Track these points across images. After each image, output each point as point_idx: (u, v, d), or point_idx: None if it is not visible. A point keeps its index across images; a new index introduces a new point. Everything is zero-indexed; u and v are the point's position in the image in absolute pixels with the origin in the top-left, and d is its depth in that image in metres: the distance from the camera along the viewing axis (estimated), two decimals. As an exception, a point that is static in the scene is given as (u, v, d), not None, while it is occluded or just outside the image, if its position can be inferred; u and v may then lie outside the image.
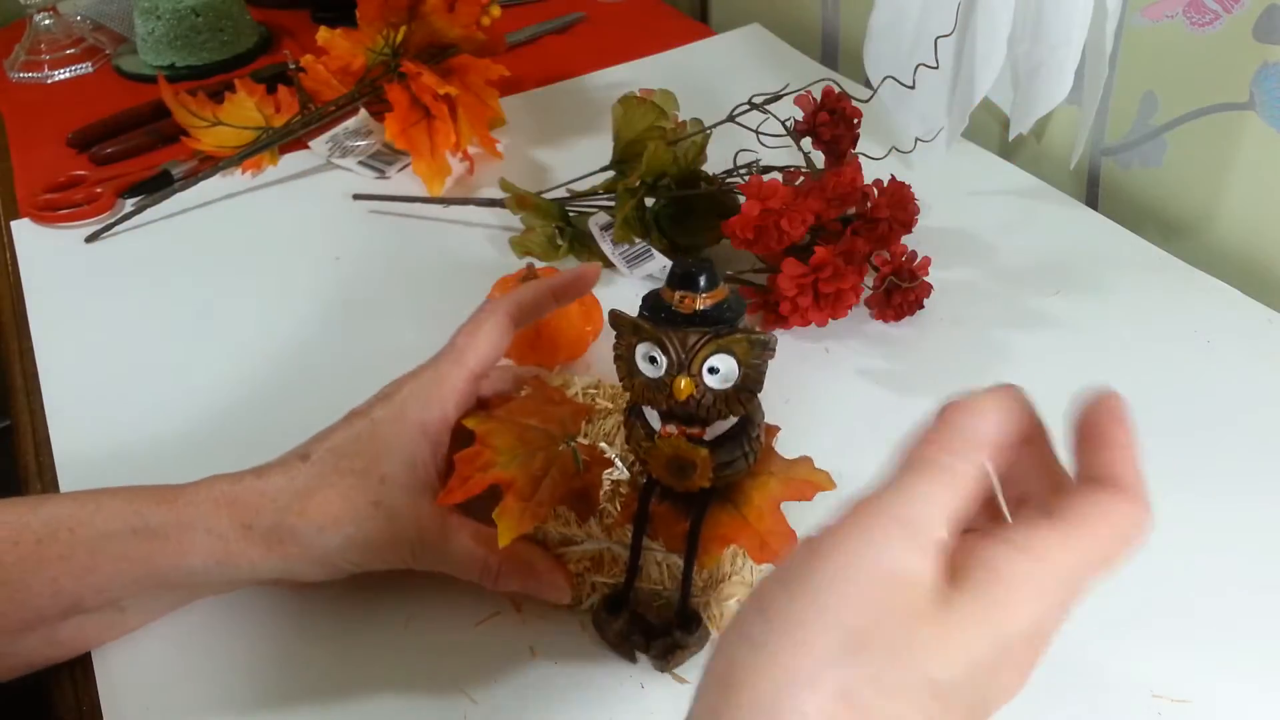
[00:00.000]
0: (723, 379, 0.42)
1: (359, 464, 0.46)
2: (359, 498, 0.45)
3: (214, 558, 0.45)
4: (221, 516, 0.45)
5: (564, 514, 0.48)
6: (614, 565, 0.49)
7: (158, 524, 0.45)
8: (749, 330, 0.42)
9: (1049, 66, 0.69)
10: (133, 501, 0.45)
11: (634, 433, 0.45)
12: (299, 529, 0.45)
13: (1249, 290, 0.67)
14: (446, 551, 0.47)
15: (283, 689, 0.48)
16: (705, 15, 1.22)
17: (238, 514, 0.45)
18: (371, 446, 0.46)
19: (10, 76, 1.09)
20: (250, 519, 0.45)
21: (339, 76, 0.87)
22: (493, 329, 0.50)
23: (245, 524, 0.45)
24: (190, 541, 0.45)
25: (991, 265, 0.72)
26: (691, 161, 0.73)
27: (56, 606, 0.45)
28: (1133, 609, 0.49)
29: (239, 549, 0.45)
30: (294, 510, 0.45)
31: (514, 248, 0.75)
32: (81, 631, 0.47)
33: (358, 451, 0.46)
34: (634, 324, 0.42)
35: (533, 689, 0.47)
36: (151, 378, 0.68)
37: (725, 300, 0.42)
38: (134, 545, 0.45)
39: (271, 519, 0.45)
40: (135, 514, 0.45)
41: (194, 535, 0.45)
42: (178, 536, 0.45)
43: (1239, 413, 0.59)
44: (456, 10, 0.85)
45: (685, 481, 0.44)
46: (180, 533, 0.45)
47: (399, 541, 0.46)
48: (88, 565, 0.44)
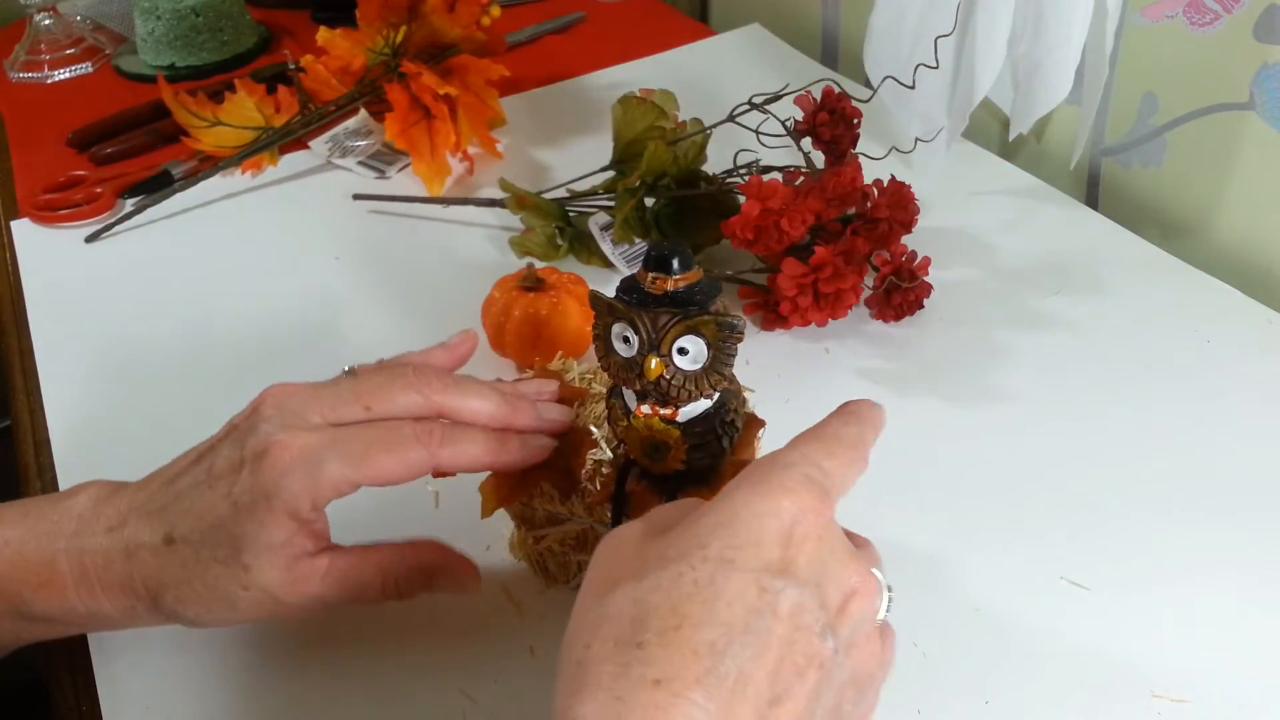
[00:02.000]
0: (692, 360, 0.43)
1: (220, 553, 0.43)
2: (229, 585, 0.43)
3: (111, 624, 0.46)
4: (99, 599, 0.44)
5: (548, 491, 0.48)
6: (596, 544, 0.49)
7: (39, 612, 0.45)
8: (718, 313, 0.42)
9: (1049, 66, 0.69)
10: (8, 581, 0.45)
11: (614, 413, 0.46)
12: (179, 611, 0.44)
13: (1249, 290, 0.67)
14: (339, 597, 0.45)
15: (283, 689, 0.48)
16: (705, 15, 1.22)
17: (114, 591, 0.44)
18: (232, 535, 0.43)
19: (10, 76, 1.09)
20: (130, 587, 0.44)
21: (339, 76, 0.87)
22: (399, 455, 0.44)
23: (131, 601, 0.44)
24: (76, 619, 0.45)
25: (991, 265, 0.72)
26: (691, 161, 0.73)
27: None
28: (1133, 609, 0.49)
29: (133, 615, 0.45)
30: (170, 595, 0.44)
31: (514, 248, 0.75)
32: (47, 624, 0.47)
33: (218, 541, 0.43)
34: (609, 304, 0.43)
35: (533, 689, 0.47)
36: (151, 377, 0.68)
37: (697, 283, 0.43)
38: (24, 628, 0.46)
39: (153, 592, 0.44)
40: (17, 598, 0.45)
41: (75, 614, 0.45)
42: (64, 621, 0.45)
43: (1239, 413, 0.59)
44: (456, 10, 0.85)
45: (660, 462, 0.45)
46: (65, 615, 0.45)
47: (282, 606, 0.44)
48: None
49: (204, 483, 0.44)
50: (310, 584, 0.44)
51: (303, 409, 0.44)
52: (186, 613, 0.44)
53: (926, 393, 0.62)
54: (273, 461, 0.42)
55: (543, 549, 0.51)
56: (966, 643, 0.48)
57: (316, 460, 0.42)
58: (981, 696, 0.46)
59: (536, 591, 0.52)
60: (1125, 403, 0.60)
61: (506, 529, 0.53)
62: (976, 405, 0.61)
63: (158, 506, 0.44)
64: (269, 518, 0.42)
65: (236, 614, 0.44)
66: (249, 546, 0.42)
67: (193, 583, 0.43)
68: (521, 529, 0.51)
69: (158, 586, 0.44)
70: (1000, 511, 0.54)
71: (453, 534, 0.54)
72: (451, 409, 0.45)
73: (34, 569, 0.44)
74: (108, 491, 0.46)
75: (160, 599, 0.44)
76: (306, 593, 0.44)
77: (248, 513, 0.42)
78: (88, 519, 0.45)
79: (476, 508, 0.47)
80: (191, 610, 0.44)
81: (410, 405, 0.45)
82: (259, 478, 0.42)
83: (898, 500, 0.55)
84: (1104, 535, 0.53)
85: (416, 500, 0.57)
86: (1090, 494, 0.55)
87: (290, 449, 0.42)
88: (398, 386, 0.45)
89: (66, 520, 0.45)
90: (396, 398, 0.45)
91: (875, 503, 0.55)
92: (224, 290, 0.75)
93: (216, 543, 0.43)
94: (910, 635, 0.48)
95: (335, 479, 0.42)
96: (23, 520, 0.45)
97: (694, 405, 0.44)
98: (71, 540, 0.44)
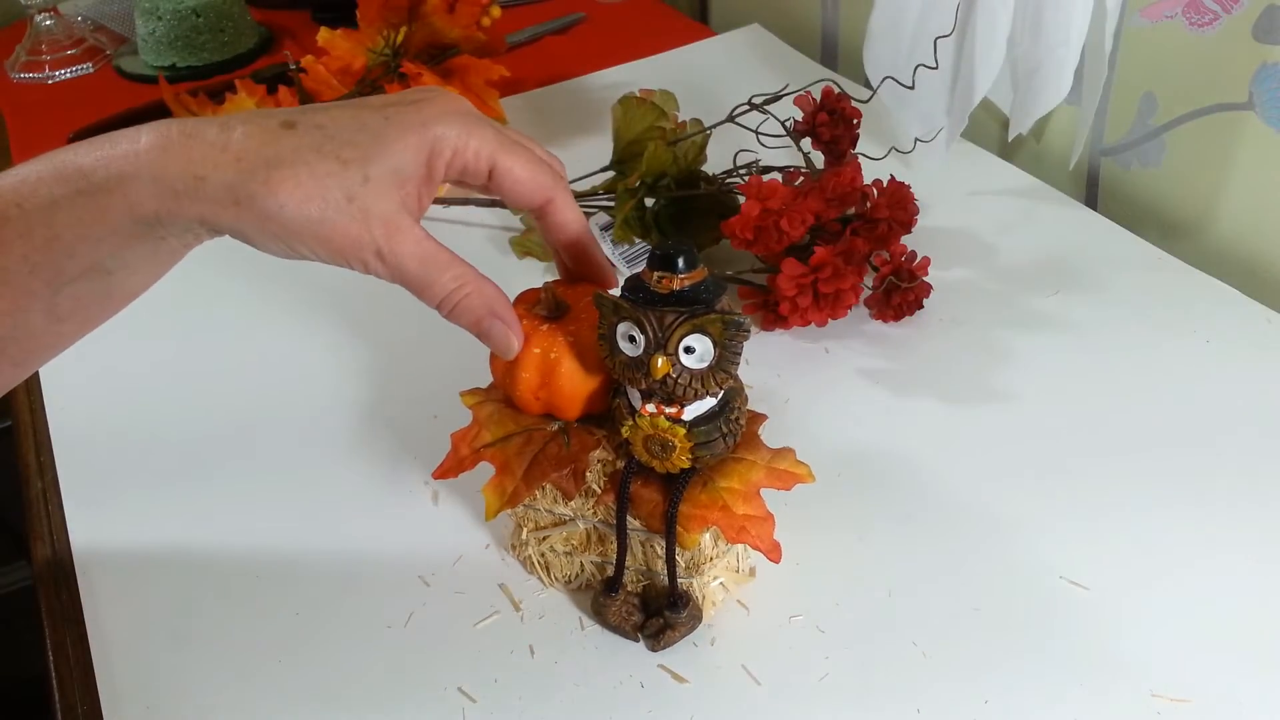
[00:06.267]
0: (698, 358, 0.43)
1: (347, 154, 0.41)
2: (334, 187, 0.41)
3: (164, 208, 0.42)
4: (171, 163, 0.41)
5: (551, 491, 0.49)
6: (600, 544, 0.50)
7: (101, 180, 0.41)
8: (725, 311, 0.42)
9: (1048, 67, 0.69)
10: (76, 161, 0.42)
11: (618, 412, 0.46)
12: (259, 196, 0.41)
13: (1248, 290, 0.67)
14: (413, 271, 0.44)
15: (283, 688, 0.48)
16: (705, 15, 1.22)
17: (190, 164, 0.41)
18: (370, 144, 0.42)
19: (11, 77, 1.09)
20: (205, 171, 0.41)
21: (339, 77, 0.87)
22: (534, 171, 0.45)
23: (198, 175, 0.41)
24: (137, 192, 0.41)
25: (991, 265, 0.72)
26: (691, 162, 0.73)
27: (39, 280, 0.43)
28: (1133, 609, 0.49)
29: (187, 203, 0.41)
30: (259, 177, 0.40)
31: (514, 248, 0.75)
32: (78, 302, 0.44)
33: (352, 142, 0.42)
34: (614, 304, 0.43)
35: (533, 689, 0.47)
36: (151, 377, 0.68)
37: (703, 282, 0.43)
38: (84, 206, 0.42)
39: (230, 177, 0.41)
40: (79, 174, 0.42)
41: (139, 185, 0.41)
42: (123, 190, 0.41)
43: (1238, 413, 0.59)
44: (456, 11, 0.85)
45: (665, 461, 0.45)
46: (125, 185, 0.41)
47: (361, 244, 0.42)
48: (48, 235, 0.42)
49: (356, 105, 0.44)
50: (405, 241, 0.42)
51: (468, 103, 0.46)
52: (269, 198, 0.40)
53: (926, 393, 0.62)
54: (442, 105, 0.44)
55: (544, 549, 0.51)
56: (966, 643, 0.48)
57: (478, 122, 0.44)
58: (981, 696, 0.46)
59: (536, 591, 0.52)
60: (1124, 402, 0.60)
61: (506, 528, 0.53)
62: (975, 405, 0.61)
63: (284, 110, 0.43)
64: (414, 140, 0.42)
65: (321, 228, 0.41)
66: (381, 159, 0.42)
67: (298, 167, 0.40)
68: (523, 528, 0.51)
69: (253, 161, 0.40)
70: (999, 511, 0.54)
71: (452, 533, 0.55)
72: (561, 199, 0.48)
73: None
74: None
75: (248, 176, 0.40)
76: (397, 248, 0.42)
77: (398, 129, 0.42)
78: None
79: (476, 505, 0.48)
80: (280, 197, 0.40)
81: (541, 167, 0.46)
82: (422, 111, 0.43)
83: (897, 499, 0.55)
84: (1103, 534, 0.53)
85: (417, 500, 0.57)
86: (1089, 493, 0.55)
87: (460, 103, 0.45)
88: (538, 148, 0.48)
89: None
90: (534, 148, 0.47)
91: (875, 502, 0.55)
92: (223, 290, 0.75)
93: (352, 142, 0.41)
94: (910, 635, 0.48)
95: (482, 148, 0.44)
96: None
97: (699, 404, 0.44)
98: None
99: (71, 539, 0.57)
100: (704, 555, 0.48)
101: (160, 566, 0.55)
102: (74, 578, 0.54)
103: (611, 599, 0.49)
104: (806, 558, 0.51)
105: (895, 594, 0.50)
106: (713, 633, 0.49)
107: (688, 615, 0.48)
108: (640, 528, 0.48)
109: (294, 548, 0.55)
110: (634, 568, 0.49)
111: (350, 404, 0.64)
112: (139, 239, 0.43)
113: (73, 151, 0.42)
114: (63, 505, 0.59)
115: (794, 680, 0.47)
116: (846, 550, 0.53)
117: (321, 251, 0.42)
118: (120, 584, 0.54)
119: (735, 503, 0.46)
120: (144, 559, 0.55)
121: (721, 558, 0.49)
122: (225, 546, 0.55)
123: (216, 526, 0.57)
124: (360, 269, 0.43)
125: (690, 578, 0.48)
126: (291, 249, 0.42)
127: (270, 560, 0.54)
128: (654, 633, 0.48)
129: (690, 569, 0.48)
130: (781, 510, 0.47)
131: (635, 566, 0.49)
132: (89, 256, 0.43)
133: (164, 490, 0.59)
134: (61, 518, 0.58)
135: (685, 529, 0.45)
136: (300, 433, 0.62)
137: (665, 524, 0.46)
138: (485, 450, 0.48)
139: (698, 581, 0.49)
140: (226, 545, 0.55)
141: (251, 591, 0.53)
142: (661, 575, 0.48)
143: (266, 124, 0.42)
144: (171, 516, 0.57)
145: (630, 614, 0.49)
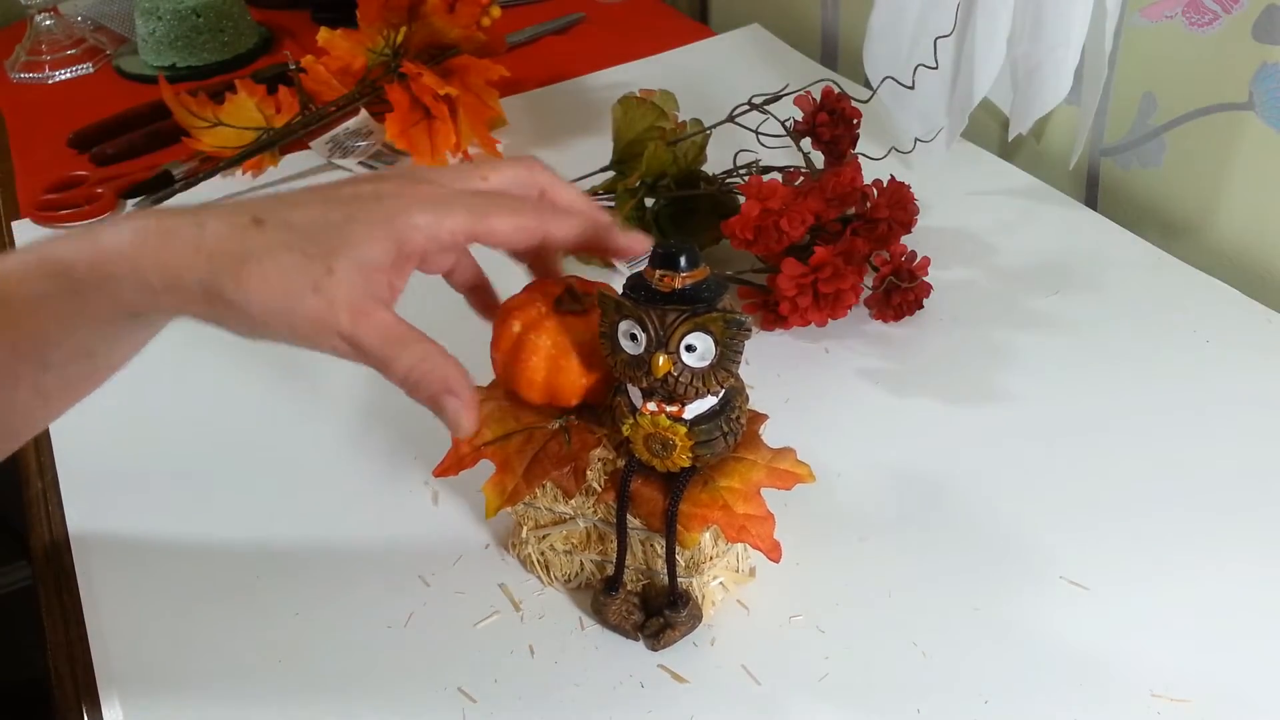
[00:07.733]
0: (700, 357, 0.43)
1: (312, 250, 0.42)
2: (298, 279, 0.42)
3: (144, 302, 0.44)
4: (149, 263, 0.43)
5: (551, 489, 0.49)
6: (600, 543, 0.50)
7: (84, 277, 0.43)
8: (726, 310, 0.42)
9: (1048, 67, 0.69)
10: (60, 256, 0.44)
11: (619, 411, 0.46)
12: (228, 290, 0.43)
13: (1248, 290, 0.68)
14: (375, 349, 0.44)
15: (283, 688, 0.48)
16: (705, 15, 1.22)
17: (168, 264, 0.43)
18: (335, 241, 0.43)
19: (11, 77, 1.09)
20: (181, 271, 0.43)
21: (339, 77, 0.87)
22: (516, 220, 0.46)
23: (175, 274, 0.43)
24: (119, 290, 0.43)
25: (991, 265, 0.72)
26: (691, 162, 0.73)
27: (27, 365, 0.45)
28: (1132, 609, 0.49)
29: (165, 299, 0.43)
30: (229, 273, 0.42)
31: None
32: (65, 381, 0.47)
33: (317, 239, 0.43)
34: (616, 302, 0.44)
35: (533, 689, 0.47)
36: (152, 377, 0.68)
37: (705, 281, 0.43)
38: (69, 302, 0.44)
39: (203, 275, 0.43)
40: (63, 271, 0.43)
41: (121, 284, 0.43)
42: (106, 288, 0.43)
43: (1238, 412, 0.59)
44: (457, 11, 0.85)
45: (665, 460, 0.45)
46: (107, 284, 0.43)
47: (325, 327, 0.43)
48: (34, 328, 0.44)
49: (322, 200, 0.45)
50: (368, 323, 0.43)
51: (431, 173, 0.48)
52: (238, 293, 0.42)
53: (926, 392, 0.62)
54: (407, 199, 0.44)
55: (544, 547, 0.51)
56: (966, 643, 0.48)
57: (446, 206, 0.44)
58: (981, 696, 0.46)
59: (536, 591, 0.52)
60: (1124, 402, 0.60)
61: (506, 527, 0.53)
62: (976, 405, 0.61)
63: (254, 205, 0.44)
64: (380, 234, 0.43)
65: (287, 316, 0.43)
66: (344, 253, 0.43)
67: (264, 262, 0.42)
68: (523, 527, 0.51)
69: (223, 259, 0.42)
70: (999, 511, 0.54)
71: (451, 532, 0.55)
72: (552, 192, 0.49)
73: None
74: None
75: (219, 273, 0.42)
76: (359, 330, 0.43)
77: (363, 226, 0.43)
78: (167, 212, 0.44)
79: (476, 505, 0.48)
80: (248, 291, 0.42)
81: (520, 176, 0.48)
82: (385, 206, 0.44)
83: (897, 499, 0.55)
84: (1103, 535, 0.53)
85: (417, 499, 0.57)
86: (1089, 493, 0.55)
87: (422, 192, 0.45)
88: (508, 163, 0.49)
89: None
90: (505, 170, 0.48)
91: (875, 502, 0.55)
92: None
93: (314, 239, 0.43)
94: (910, 635, 0.48)
95: (456, 226, 0.44)
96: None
97: (700, 402, 0.44)
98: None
99: (71, 540, 0.57)
100: (704, 554, 0.48)
101: (160, 567, 0.55)
102: (74, 578, 0.54)
103: (611, 598, 0.49)
104: (806, 558, 0.51)
105: (895, 594, 0.50)
106: (713, 632, 0.49)
107: (688, 615, 0.48)
108: (640, 526, 0.48)
109: (294, 548, 0.55)
110: (634, 567, 0.49)
111: (350, 403, 0.64)
112: (121, 325, 0.46)
113: (57, 245, 0.44)
114: (63, 505, 0.59)
115: (794, 680, 0.47)
116: (847, 550, 0.53)
117: (288, 336, 0.44)
118: (120, 584, 0.54)
119: (735, 502, 0.46)
120: (144, 559, 0.55)
121: (721, 557, 0.49)
122: (225, 546, 0.55)
123: (216, 526, 0.57)
124: (329, 351, 0.45)
125: (690, 577, 0.48)
126: (260, 335, 0.44)
127: (270, 560, 0.54)
128: (654, 632, 0.48)
129: (690, 568, 0.48)
130: (782, 510, 0.47)
131: (635, 565, 0.49)
132: (74, 344, 0.45)
133: (164, 490, 0.59)
134: (61, 518, 0.58)
135: (685, 528, 0.45)
136: (300, 432, 0.62)
137: (665, 523, 0.46)
138: (486, 448, 0.48)
139: (698, 581, 0.49)
140: (226, 545, 0.55)
141: (251, 591, 0.53)
142: (661, 574, 0.48)
143: (237, 220, 0.43)
144: (171, 516, 0.57)
145: (630, 613, 0.49)
